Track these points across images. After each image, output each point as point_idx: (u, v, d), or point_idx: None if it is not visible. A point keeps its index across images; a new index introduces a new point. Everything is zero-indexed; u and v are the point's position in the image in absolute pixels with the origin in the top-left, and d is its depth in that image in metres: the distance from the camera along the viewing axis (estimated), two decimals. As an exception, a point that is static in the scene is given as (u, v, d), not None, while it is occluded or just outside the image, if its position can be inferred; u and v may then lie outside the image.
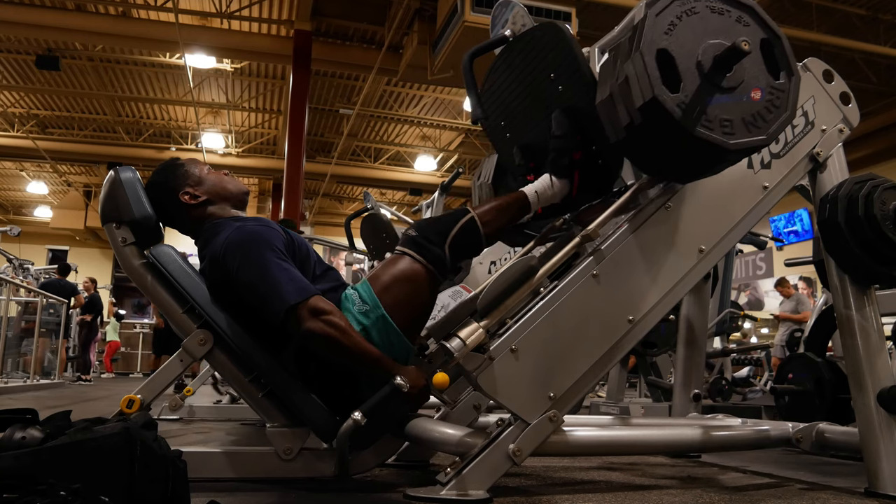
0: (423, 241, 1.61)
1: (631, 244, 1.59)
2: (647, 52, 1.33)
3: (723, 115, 1.36)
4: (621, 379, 3.84)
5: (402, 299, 1.59)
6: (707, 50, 1.36)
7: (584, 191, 1.74)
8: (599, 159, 1.72)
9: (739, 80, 1.38)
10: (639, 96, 1.34)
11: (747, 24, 1.41)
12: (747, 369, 6.86)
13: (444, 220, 1.67)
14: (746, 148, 1.39)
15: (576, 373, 1.50)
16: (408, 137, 13.49)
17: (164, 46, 9.71)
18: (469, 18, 6.57)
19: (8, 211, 18.66)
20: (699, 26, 1.38)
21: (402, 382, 1.45)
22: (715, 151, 1.37)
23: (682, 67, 1.35)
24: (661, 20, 1.36)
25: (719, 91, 1.36)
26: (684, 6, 1.38)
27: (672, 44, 1.35)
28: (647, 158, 1.56)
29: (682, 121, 1.32)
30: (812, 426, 1.80)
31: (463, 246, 1.64)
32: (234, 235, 1.62)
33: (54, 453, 1.02)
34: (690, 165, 1.50)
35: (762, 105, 1.40)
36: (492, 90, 1.93)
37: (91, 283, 9.86)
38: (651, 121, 1.35)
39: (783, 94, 1.42)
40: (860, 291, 1.73)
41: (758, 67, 1.40)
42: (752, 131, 1.38)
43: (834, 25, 8.60)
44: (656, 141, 1.42)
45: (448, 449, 1.52)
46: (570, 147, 1.69)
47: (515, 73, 1.83)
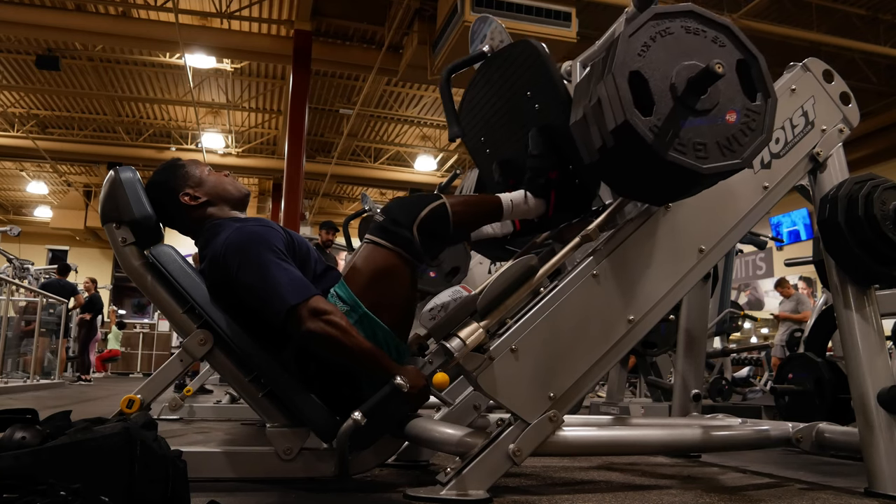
0: (389, 225, 1.58)
1: (631, 244, 1.59)
2: (619, 75, 1.30)
3: (696, 138, 1.33)
4: (621, 379, 3.84)
5: (382, 292, 1.57)
6: (681, 72, 1.32)
7: (560, 210, 1.72)
8: (576, 179, 1.70)
9: (714, 102, 1.34)
10: (611, 119, 1.31)
11: (723, 45, 1.38)
12: (747, 369, 6.87)
13: (414, 202, 1.62)
14: (720, 172, 1.36)
15: (576, 373, 1.50)
16: (408, 137, 13.49)
17: (164, 46, 9.71)
18: (469, 18, 6.56)
19: (8, 211, 18.66)
20: (674, 47, 1.35)
21: (402, 382, 1.45)
22: (688, 175, 1.34)
23: (655, 90, 1.32)
24: (635, 41, 1.33)
25: (693, 114, 1.33)
26: (659, 27, 1.35)
27: (645, 65, 1.32)
28: (620, 181, 1.53)
29: (654, 145, 1.29)
30: (812, 426, 1.80)
31: (431, 231, 1.59)
32: (235, 236, 1.62)
33: (54, 453, 1.02)
34: (664, 188, 1.47)
35: (737, 128, 1.36)
36: (471, 105, 1.92)
37: (91, 283, 9.86)
38: (623, 144, 1.32)
39: (759, 117, 1.38)
40: (860, 291, 1.73)
41: (733, 89, 1.37)
42: (727, 155, 1.35)
43: (834, 25, 8.60)
44: (629, 164, 1.39)
45: (448, 449, 1.52)
46: (547, 166, 1.68)
47: (494, 89, 1.82)
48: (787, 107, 1.82)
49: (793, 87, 1.83)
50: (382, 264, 1.57)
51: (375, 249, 1.59)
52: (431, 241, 1.61)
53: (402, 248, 1.57)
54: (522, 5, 6.73)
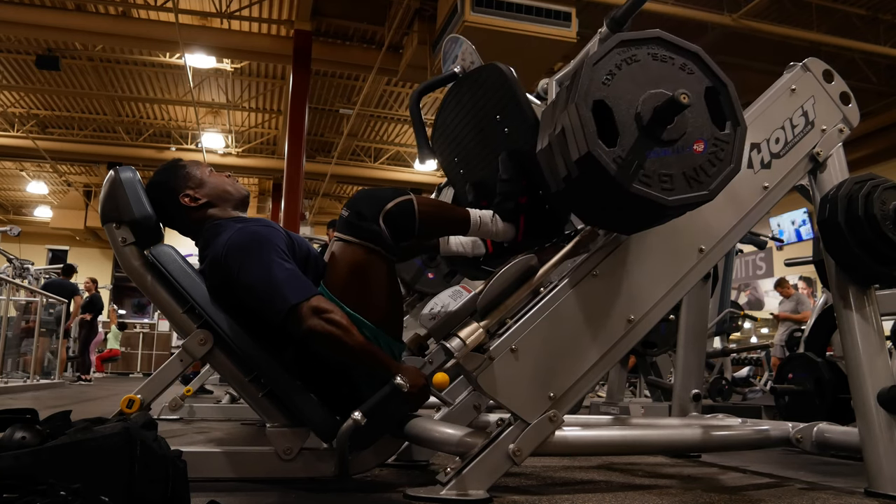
0: (355, 219, 1.56)
1: (631, 244, 1.58)
2: (582, 105, 1.27)
3: (662, 169, 1.30)
4: (621, 379, 3.84)
5: (362, 291, 1.56)
6: (647, 101, 1.29)
7: (530, 235, 1.70)
8: (547, 204, 1.68)
9: (681, 131, 1.31)
10: (574, 150, 1.29)
11: (691, 72, 1.35)
12: (747, 369, 6.87)
13: (381, 194, 1.60)
14: (686, 204, 1.33)
15: (576, 373, 1.50)
16: (408, 137, 13.48)
17: (164, 46, 9.71)
18: (469, 18, 6.56)
19: (8, 211, 18.66)
20: (640, 75, 1.31)
21: (401, 382, 1.45)
22: (653, 207, 1.30)
23: (619, 119, 1.29)
24: (600, 69, 1.30)
25: (659, 144, 1.29)
26: (625, 54, 1.32)
27: (610, 94, 1.29)
28: (587, 210, 1.51)
29: (617, 177, 1.26)
30: (812, 426, 1.80)
31: (396, 225, 1.56)
32: (236, 236, 1.62)
33: (54, 453, 1.02)
34: (630, 219, 1.44)
35: (705, 158, 1.33)
36: (443, 126, 1.91)
37: (91, 283, 9.86)
38: (587, 175, 1.29)
39: (727, 146, 1.35)
40: (860, 291, 1.73)
41: (702, 118, 1.33)
42: (694, 186, 1.32)
43: (834, 25, 8.59)
44: (594, 195, 1.36)
45: (448, 449, 1.52)
46: (516, 191, 1.65)
47: (465, 110, 1.80)
48: (787, 107, 1.82)
49: (793, 87, 1.83)
50: (356, 261, 1.56)
51: (345, 247, 1.58)
52: (397, 236, 1.58)
53: (371, 241, 1.55)
54: (522, 5, 6.73)
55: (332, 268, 1.60)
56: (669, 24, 7.58)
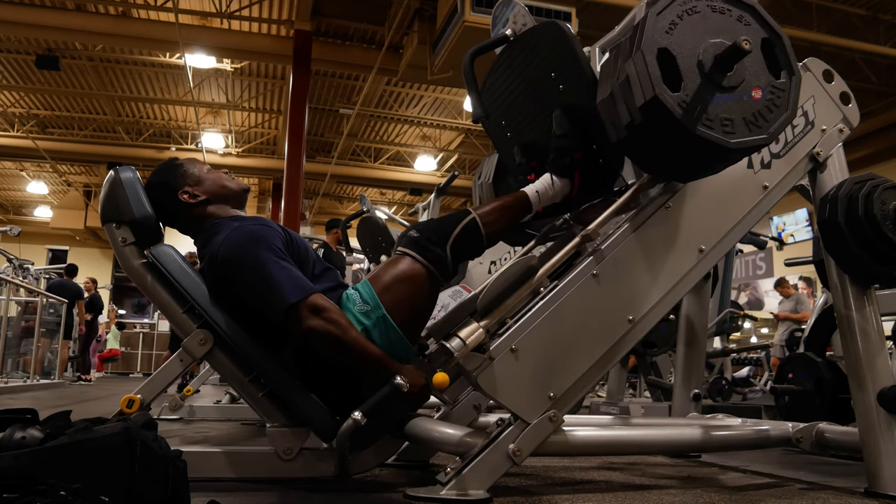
0: (424, 241, 1.61)
1: (631, 244, 1.58)
2: (647, 51, 1.33)
3: (723, 114, 1.36)
4: (621, 379, 3.84)
5: (403, 299, 1.59)
6: (708, 49, 1.36)
7: (584, 190, 1.74)
8: (600, 158, 1.72)
9: (740, 79, 1.38)
10: (640, 95, 1.34)
11: (748, 24, 1.41)
12: (747, 369, 6.87)
13: (445, 221, 1.67)
14: (747, 147, 1.39)
15: (576, 372, 1.50)
16: (408, 137, 13.48)
17: (164, 46, 9.71)
18: (469, 18, 6.56)
19: (8, 211, 18.65)
20: (700, 25, 1.38)
21: (401, 382, 1.45)
22: (716, 150, 1.37)
23: (682, 66, 1.35)
24: (662, 19, 1.36)
25: (720, 90, 1.36)
26: (685, 5, 1.38)
27: (673, 43, 1.35)
28: (647, 157, 1.56)
29: (683, 120, 1.33)
30: (812, 426, 1.80)
31: (464, 247, 1.64)
32: (234, 235, 1.62)
33: (54, 453, 1.02)
34: (691, 164, 1.50)
35: (763, 104, 1.40)
36: (492, 89, 1.93)
37: (91, 283, 9.86)
38: (652, 120, 1.35)
39: (784, 94, 1.41)
40: (860, 291, 1.73)
41: (758, 66, 1.40)
42: (753, 130, 1.38)
43: (834, 25, 8.59)
44: (657, 140, 1.42)
45: (448, 449, 1.52)
46: (571, 147, 1.69)
47: (516, 72, 1.83)
48: (788, 107, 1.82)
49: (793, 87, 1.83)
50: (410, 273, 1.60)
51: (405, 259, 1.62)
52: (464, 256, 1.67)
53: (433, 263, 1.60)
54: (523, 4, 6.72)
55: (384, 269, 1.64)
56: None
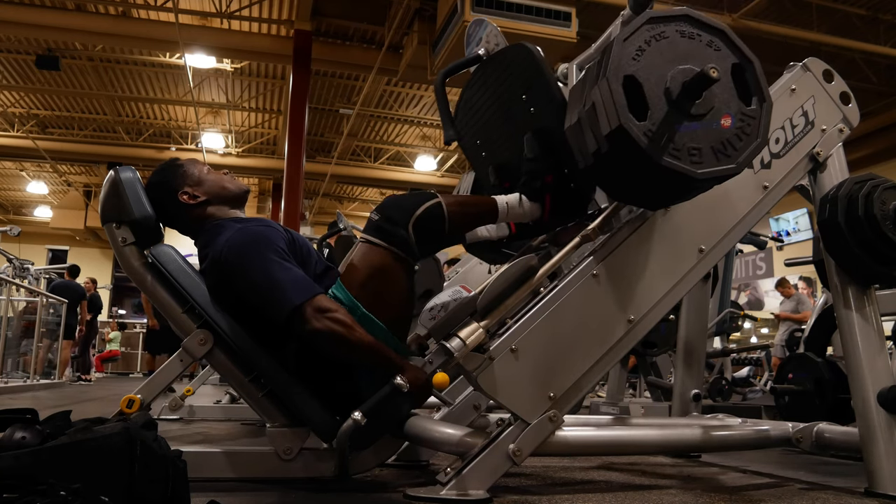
0: (385, 224, 1.57)
1: (631, 244, 1.58)
2: (613, 79, 1.29)
3: (691, 143, 1.32)
4: (621, 379, 3.84)
5: (379, 292, 1.57)
6: (676, 76, 1.32)
7: (555, 214, 1.72)
8: (572, 183, 1.70)
9: (709, 106, 1.33)
10: (605, 124, 1.31)
11: (718, 49, 1.37)
12: (747, 369, 6.87)
13: (409, 199, 1.62)
14: (715, 177, 1.34)
15: (576, 373, 1.50)
16: (408, 137, 13.48)
17: (164, 46, 9.71)
18: (469, 18, 6.56)
19: (8, 211, 18.65)
20: (668, 51, 1.33)
21: (402, 382, 1.45)
22: (682, 180, 1.33)
23: (649, 94, 1.31)
24: (629, 45, 1.32)
25: (688, 118, 1.32)
26: (653, 31, 1.34)
27: (640, 70, 1.31)
28: (615, 185, 1.53)
29: (648, 149, 1.28)
30: (812, 426, 1.80)
31: (426, 229, 1.59)
32: (237, 236, 1.62)
33: (54, 453, 1.02)
34: (658, 193, 1.47)
35: (732, 132, 1.35)
36: (467, 108, 1.92)
37: (91, 283, 9.86)
38: (618, 149, 1.32)
39: (754, 121, 1.37)
40: (860, 291, 1.73)
41: (728, 93, 1.36)
42: (722, 160, 1.34)
43: (834, 25, 8.59)
44: (624, 169, 1.38)
45: (448, 449, 1.52)
46: (542, 170, 1.67)
47: (489, 92, 1.82)
48: (787, 107, 1.82)
49: (793, 87, 1.83)
50: (378, 264, 1.57)
51: (371, 249, 1.59)
52: (426, 240, 1.61)
53: (398, 246, 1.57)
54: (522, 5, 6.73)
55: (354, 266, 1.61)
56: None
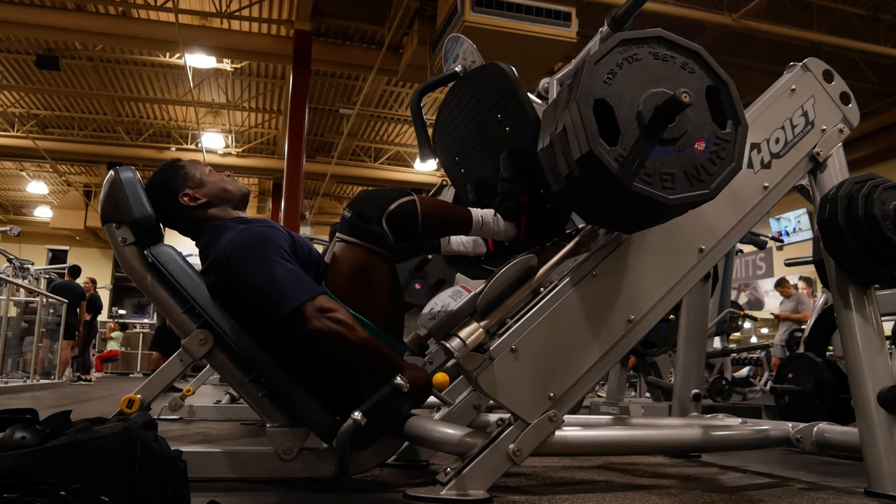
0: (357, 221, 1.56)
1: (631, 244, 1.58)
2: (583, 104, 1.27)
3: (663, 168, 1.30)
4: (621, 379, 3.84)
5: (364, 292, 1.56)
6: (648, 100, 1.29)
7: (531, 234, 1.70)
8: (548, 203, 1.68)
9: (682, 130, 1.31)
10: (576, 149, 1.29)
11: (692, 71, 1.35)
12: (747, 369, 6.87)
13: (383, 195, 1.60)
14: (687, 203, 1.33)
15: (576, 373, 1.50)
16: (408, 137, 13.48)
17: (164, 46, 9.71)
18: (469, 18, 6.56)
19: (8, 211, 18.65)
20: (641, 74, 1.31)
21: (401, 382, 1.45)
22: (654, 206, 1.31)
23: (620, 118, 1.29)
24: (601, 68, 1.30)
25: (660, 143, 1.29)
26: (626, 53, 1.32)
27: (611, 93, 1.29)
28: (588, 209, 1.51)
29: (618, 175, 1.26)
30: (812, 426, 1.80)
31: (400, 226, 1.57)
32: (239, 237, 1.62)
33: (54, 453, 1.02)
34: (631, 218, 1.45)
35: (706, 157, 1.33)
36: (445, 125, 1.91)
37: (91, 283, 9.86)
38: (589, 173, 1.30)
39: (728, 145, 1.34)
40: (860, 291, 1.73)
41: (702, 117, 1.33)
42: (695, 185, 1.32)
43: (834, 25, 8.59)
44: (595, 193, 1.36)
45: (448, 449, 1.52)
46: (517, 190, 1.65)
47: (466, 110, 1.80)
48: (787, 107, 1.82)
49: (793, 87, 1.83)
50: (357, 263, 1.56)
51: (347, 248, 1.57)
52: (400, 237, 1.58)
53: (374, 243, 1.55)
54: (522, 5, 6.73)
55: (334, 268, 1.60)
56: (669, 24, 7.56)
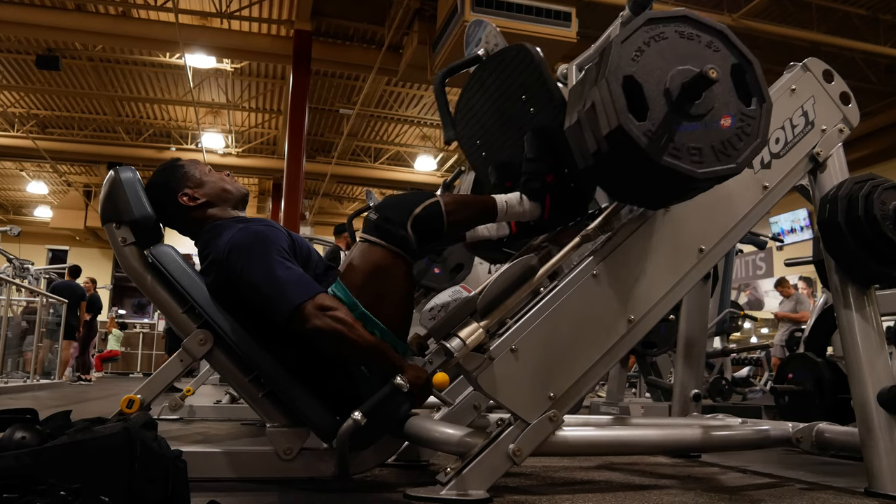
0: (383, 223, 1.58)
1: (631, 244, 1.58)
2: (612, 79, 1.29)
3: (691, 143, 1.32)
4: (621, 379, 3.85)
5: (379, 291, 1.57)
6: (675, 77, 1.31)
7: (556, 213, 1.72)
8: (572, 182, 1.70)
9: (709, 106, 1.33)
10: (605, 124, 1.31)
11: (717, 50, 1.37)
12: (747, 369, 6.86)
13: (408, 199, 1.63)
14: (716, 177, 1.34)
15: (576, 373, 1.50)
16: (408, 137, 13.48)
17: (164, 46, 9.71)
18: (469, 18, 6.56)
19: (8, 211, 18.65)
20: (668, 52, 1.34)
21: (401, 382, 1.45)
22: (683, 180, 1.33)
23: (649, 95, 1.31)
24: (629, 46, 1.32)
25: (687, 119, 1.32)
26: (652, 31, 1.34)
27: (639, 70, 1.31)
28: (615, 185, 1.53)
29: (648, 150, 1.28)
30: (812, 426, 1.80)
31: (425, 229, 1.59)
32: (238, 236, 1.62)
33: (54, 453, 1.02)
34: (659, 193, 1.47)
35: (732, 132, 1.35)
36: (466, 108, 1.92)
37: (91, 283, 9.86)
38: (618, 149, 1.32)
39: (754, 121, 1.37)
40: (860, 291, 1.73)
41: (728, 94, 1.36)
42: (722, 160, 1.34)
43: (834, 25, 8.59)
44: (624, 169, 1.38)
45: (448, 449, 1.52)
46: (542, 170, 1.67)
47: (489, 92, 1.82)
48: (787, 107, 1.81)
49: (793, 87, 1.83)
50: (379, 263, 1.57)
51: (370, 248, 1.59)
52: (425, 240, 1.61)
53: (398, 245, 1.57)
54: (522, 5, 6.73)
55: (353, 266, 1.61)
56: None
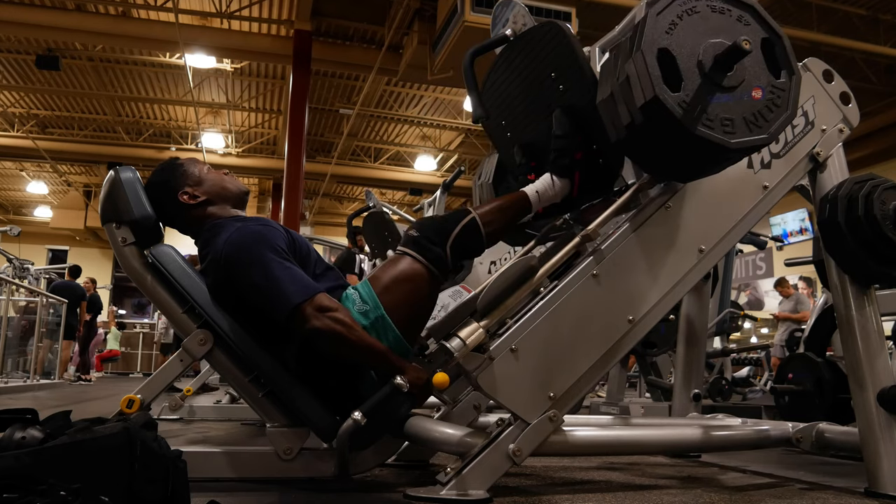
0: (424, 241, 1.61)
1: (631, 244, 1.59)
2: (647, 52, 1.34)
3: (724, 114, 1.37)
4: (621, 379, 3.84)
5: (402, 299, 1.59)
6: (708, 49, 1.36)
7: (584, 190, 1.74)
8: (600, 159, 1.72)
9: (740, 79, 1.38)
10: (640, 95, 1.34)
11: (748, 24, 1.42)
12: (747, 369, 6.86)
13: (445, 220, 1.67)
14: (748, 147, 1.39)
15: (576, 373, 1.50)
16: (408, 137, 13.48)
17: (164, 46, 9.71)
18: (469, 18, 6.57)
19: (8, 211, 18.65)
20: (700, 25, 1.38)
21: (401, 382, 1.45)
22: (716, 150, 1.37)
23: (682, 66, 1.35)
24: (662, 19, 1.36)
25: (720, 90, 1.36)
26: (685, 5, 1.38)
27: (673, 43, 1.36)
28: (648, 157, 1.56)
29: (683, 120, 1.33)
30: (812, 426, 1.80)
31: (464, 246, 1.64)
32: (236, 236, 1.62)
33: (54, 453, 1.02)
34: (692, 164, 1.50)
35: (763, 104, 1.40)
36: (492, 89, 1.93)
37: (91, 283, 9.86)
38: (652, 120, 1.36)
39: (784, 93, 1.42)
40: (860, 291, 1.73)
41: (758, 66, 1.41)
42: (754, 130, 1.39)
43: (834, 25, 8.60)
44: (657, 140, 1.42)
45: (448, 449, 1.52)
46: (572, 147, 1.69)
47: (516, 72, 1.83)
48: (788, 107, 1.81)
49: (793, 87, 1.83)
50: (409, 273, 1.60)
51: (403, 258, 1.62)
52: (464, 255, 1.66)
53: (432, 262, 1.60)
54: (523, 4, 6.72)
55: (383, 270, 1.64)
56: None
